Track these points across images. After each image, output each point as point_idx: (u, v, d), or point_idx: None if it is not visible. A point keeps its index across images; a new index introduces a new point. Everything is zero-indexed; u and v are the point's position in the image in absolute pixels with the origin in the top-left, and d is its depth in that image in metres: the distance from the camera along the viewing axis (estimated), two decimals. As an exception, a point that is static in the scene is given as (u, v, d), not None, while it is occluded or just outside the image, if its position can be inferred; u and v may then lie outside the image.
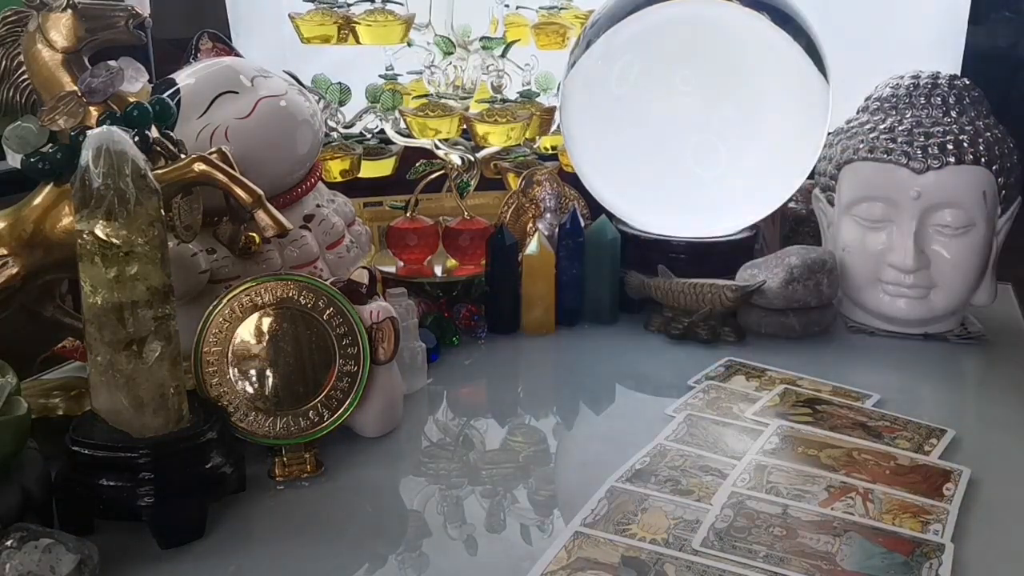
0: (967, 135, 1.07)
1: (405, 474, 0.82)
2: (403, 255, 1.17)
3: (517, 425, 0.92)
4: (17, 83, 0.79)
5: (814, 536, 0.69)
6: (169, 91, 0.87)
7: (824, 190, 1.19)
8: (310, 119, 0.93)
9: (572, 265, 1.14)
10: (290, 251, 0.90)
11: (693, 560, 0.66)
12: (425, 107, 1.22)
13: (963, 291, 1.10)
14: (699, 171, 1.15)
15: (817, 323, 1.12)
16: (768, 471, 0.78)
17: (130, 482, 0.68)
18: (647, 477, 0.77)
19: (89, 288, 0.68)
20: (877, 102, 1.16)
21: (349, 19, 1.22)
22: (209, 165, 0.77)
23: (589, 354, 1.08)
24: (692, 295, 1.10)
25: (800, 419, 0.89)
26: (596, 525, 0.70)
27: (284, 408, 0.79)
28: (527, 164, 1.32)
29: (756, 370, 1.01)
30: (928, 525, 0.71)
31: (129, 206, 0.66)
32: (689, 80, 1.13)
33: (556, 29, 1.29)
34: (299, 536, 0.71)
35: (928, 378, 1.03)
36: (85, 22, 0.77)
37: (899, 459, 0.81)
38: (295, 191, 0.92)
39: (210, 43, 1.07)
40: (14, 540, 0.60)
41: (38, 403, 0.80)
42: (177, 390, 0.71)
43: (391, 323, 0.83)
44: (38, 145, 0.77)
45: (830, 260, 1.11)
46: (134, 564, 0.67)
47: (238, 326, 0.79)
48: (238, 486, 0.75)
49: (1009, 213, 1.11)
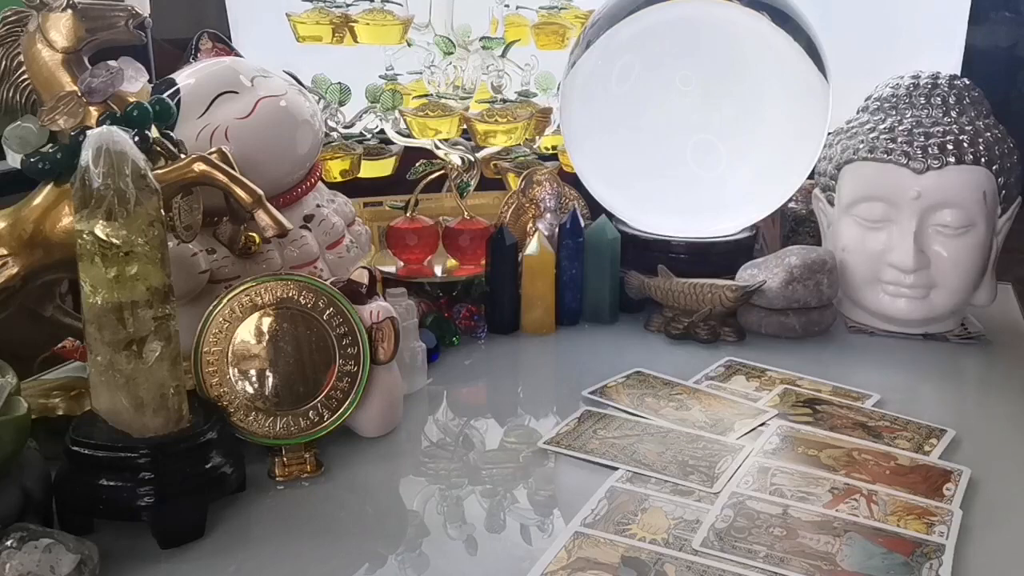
0: (967, 135, 1.07)
1: (405, 474, 0.82)
2: (403, 255, 1.17)
3: (517, 425, 0.92)
4: (17, 83, 0.79)
5: (814, 536, 0.69)
6: (169, 91, 0.87)
7: (824, 190, 1.19)
8: (310, 119, 0.93)
9: (572, 265, 1.14)
10: (290, 251, 0.90)
11: (693, 560, 0.66)
12: (425, 107, 1.22)
13: (963, 291, 1.10)
14: (699, 171, 1.15)
15: (817, 323, 1.12)
16: (771, 473, 0.78)
17: (130, 482, 0.68)
18: (647, 477, 0.77)
19: (89, 288, 0.68)
20: (877, 102, 1.16)
21: (347, 19, 1.22)
22: (209, 165, 0.77)
23: (589, 354, 1.08)
24: (692, 295, 1.10)
25: (800, 419, 0.89)
26: (596, 525, 0.70)
27: (284, 408, 0.79)
28: (527, 164, 1.32)
29: (756, 370, 1.01)
30: (933, 527, 0.71)
31: (129, 206, 0.66)
32: (689, 80, 1.13)
33: (556, 29, 1.29)
34: (299, 536, 0.71)
35: (928, 378, 1.03)
36: (85, 22, 0.77)
37: (899, 459, 0.81)
38: (295, 191, 0.92)
39: (210, 43, 1.07)
40: (14, 540, 0.60)
41: (38, 403, 0.80)
42: (177, 390, 0.71)
43: (391, 323, 0.83)
44: (38, 145, 0.77)
45: (830, 260, 1.11)
46: (134, 564, 0.67)
47: (238, 326, 0.79)
48: (238, 486, 0.75)
49: (1009, 213, 1.11)
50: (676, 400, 0.92)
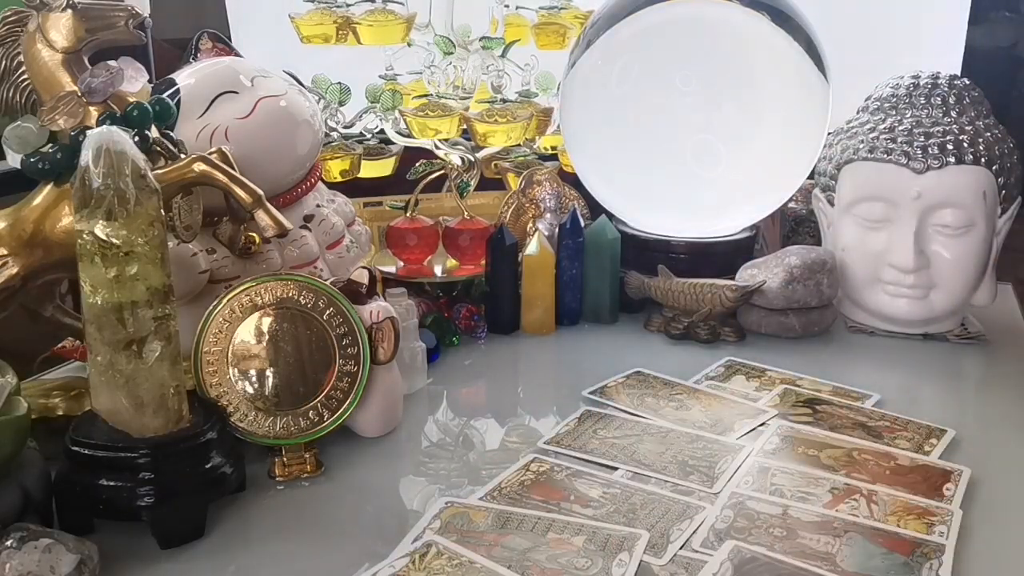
0: (967, 135, 1.07)
1: (405, 474, 0.82)
2: (403, 255, 1.17)
3: (517, 425, 0.92)
4: (17, 83, 0.79)
5: (814, 536, 0.69)
6: (169, 91, 0.87)
7: (824, 190, 1.19)
8: (310, 119, 0.93)
9: (572, 265, 1.14)
10: (290, 251, 0.90)
11: (692, 558, 0.66)
12: (425, 107, 1.22)
13: (963, 291, 1.10)
14: (699, 171, 1.15)
15: (817, 323, 1.12)
16: (771, 473, 0.78)
17: (130, 482, 0.68)
18: (647, 477, 0.77)
19: (89, 288, 0.68)
20: (877, 102, 1.16)
21: (349, 19, 1.22)
22: (209, 165, 0.77)
23: (589, 354, 1.08)
24: (692, 295, 1.10)
25: (800, 419, 0.89)
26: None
27: (284, 408, 0.79)
28: (527, 164, 1.32)
29: (756, 370, 1.01)
30: (933, 527, 0.70)
31: (129, 206, 0.66)
32: (689, 80, 1.13)
33: (556, 29, 1.29)
34: (299, 536, 0.71)
35: (928, 378, 1.03)
36: (85, 22, 0.77)
37: (899, 459, 0.81)
38: (295, 191, 0.92)
39: (210, 43, 1.07)
40: (14, 540, 0.60)
41: (38, 403, 0.80)
42: (177, 390, 0.71)
43: (391, 323, 0.83)
44: (38, 145, 0.77)
45: (830, 260, 1.11)
46: (134, 564, 0.67)
47: (238, 326, 0.79)
48: (238, 486, 0.75)
49: (1009, 213, 1.11)
50: (676, 400, 0.92)
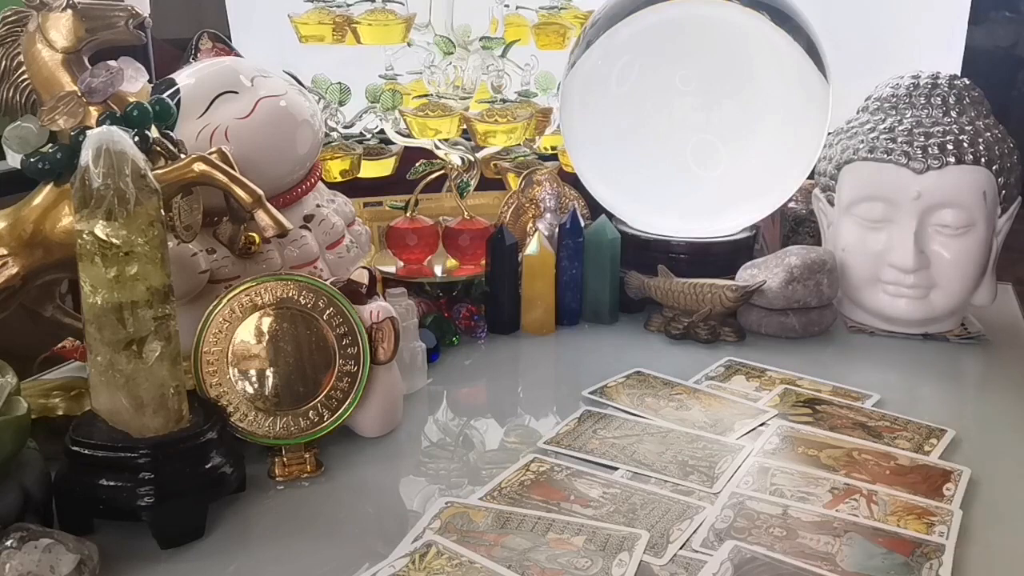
0: (967, 135, 1.07)
1: (405, 474, 0.82)
2: (403, 255, 1.17)
3: (517, 425, 0.92)
4: (17, 83, 0.79)
5: (814, 536, 0.69)
6: (169, 91, 0.87)
7: (824, 190, 1.19)
8: (310, 119, 0.93)
9: (572, 265, 1.14)
10: (290, 251, 0.90)
11: (692, 558, 0.66)
12: (425, 107, 1.22)
13: (963, 291, 1.10)
14: (699, 171, 1.15)
15: (817, 323, 1.12)
16: (771, 473, 0.78)
17: (130, 482, 0.68)
18: (647, 477, 0.77)
19: (89, 288, 0.68)
20: (877, 102, 1.16)
21: (349, 19, 1.22)
22: (209, 165, 0.77)
23: (589, 354, 1.08)
24: (692, 295, 1.10)
25: (800, 419, 0.89)
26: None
27: (284, 408, 0.79)
28: (527, 164, 1.32)
29: (756, 370, 1.01)
30: (933, 527, 0.70)
31: (129, 206, 0.66)
32: (689, 80, 1.13)
33: (556, 29, 1.29)
34: (299, 536, 0.71)
35: (928, 378, 1.03)
36: (85, 22, 0.77)
37: (899, 459, 0.81)
38: (295, 191, 0.92)
39: (210, 43, 1.06)
40: (14, 540, 0.60)
41: (38, 403, 0.80)
42: (177, 390, 0.71)
43: (391, 323, 0.83)
44: (38, 145, 0.77)
45: (830, 260, 1.11)
46: (134, 564, 0.67)
47: (238, 326, 0.79)
48: (238, 486, 0.75)
49: (1009, 213, 1.11)
50: (676, 400, 0.92)
